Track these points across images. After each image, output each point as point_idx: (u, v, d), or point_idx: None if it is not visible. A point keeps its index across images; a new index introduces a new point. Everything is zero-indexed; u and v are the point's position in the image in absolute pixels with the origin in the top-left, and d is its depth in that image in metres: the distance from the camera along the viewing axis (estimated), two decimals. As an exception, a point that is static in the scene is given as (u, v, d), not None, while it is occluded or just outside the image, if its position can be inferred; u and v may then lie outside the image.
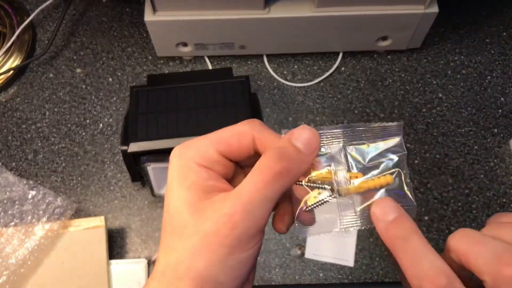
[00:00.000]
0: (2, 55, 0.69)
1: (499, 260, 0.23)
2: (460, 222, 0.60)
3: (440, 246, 0.59)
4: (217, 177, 0.28)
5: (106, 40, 0.72)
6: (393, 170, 0.29)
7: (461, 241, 0.25)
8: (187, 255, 0.25)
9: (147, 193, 0.63)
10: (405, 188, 0.29)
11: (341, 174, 0.29)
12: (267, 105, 0.67)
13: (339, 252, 0.59)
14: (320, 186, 0.28)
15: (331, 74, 0.69)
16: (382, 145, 0.29)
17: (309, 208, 0.28)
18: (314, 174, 0.28)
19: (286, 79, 0.69)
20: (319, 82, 0.69)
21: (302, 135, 0.28)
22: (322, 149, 0.29)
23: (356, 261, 0.59)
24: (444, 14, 0.68)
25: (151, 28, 0.63)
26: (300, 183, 0.28)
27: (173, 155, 0.28)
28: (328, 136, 0.29)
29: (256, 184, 0.26)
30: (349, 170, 0.29)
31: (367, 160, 0.29)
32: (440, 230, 0.60)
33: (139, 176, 0.59)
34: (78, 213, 0.62)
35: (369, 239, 0.60)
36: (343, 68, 0.69)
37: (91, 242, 0.57)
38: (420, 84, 0.68)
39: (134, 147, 0.55)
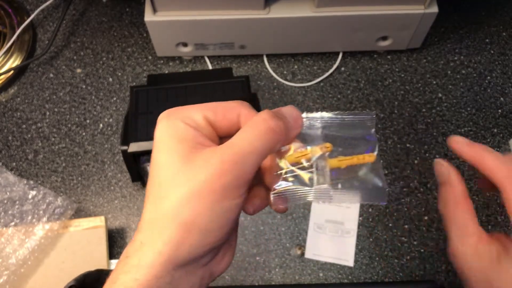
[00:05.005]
0: (2, 55, 0.69)
1: None
2: (460, 222, 0.60)
3: (440, 246, 0.59)
4: (205, 137, 0.29)
5: (106, 40, 0.72)
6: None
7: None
8: (175, 203, 0.26)
9: (147, 193, 0.63)
10: (380, 172, 0.31)
11: (319, 152, 0.30)
12: (267, 105, 0.67)
13: (339, 252, 0.59)
14: (298, 166, 0.30)
15: (331, 74, 0.69)
16: (356, 134, 0.32)
17: (286, 174, 0.30)
18: (293, 153, 0.30)
19: (286, 79, 0.69)
20: (319, 82, 0.69)
21: (290, 111, 0.30)
22: (302, 131, 0.31)
23: (356, 261, 0.59)
24: (444, 14, 0.68)
25: (151, 28, 0.63)
26: (280, 159, 0.30)
27: (161, 117, 0.29)
28: (308, 122, 0.31)
29: (249, 136, 0.27)
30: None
31: (342, 146, 0.31)
32: (440, 230, 0.60)
33: (139, 176, 0.59)
34: (78, 213, 0.62)
35: (369, 239, 0.60)
36: (343, 68, 0.70)
37: (91, 242, 0.57)
38: (420, 84, 0.68)
39: (134, 147, 0.55)
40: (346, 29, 0.64)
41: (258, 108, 0.61)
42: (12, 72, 0.69)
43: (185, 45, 0.67)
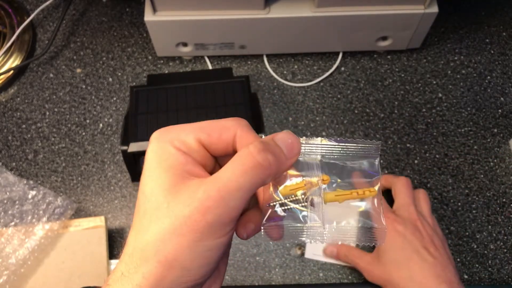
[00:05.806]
0: (2, 55, 0.69)
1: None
2: (460, 222, 0.60)
3: (440, 246, 0.59)
4: (195, 163, 0.27)
5: (106, 40, 0.72)
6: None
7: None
8: (156, 237, 0.25)
9: (147, 193, 0.63)
10: (381, 210, 0.29)
11: (316, 185, 0.28)
12: (267, 105, 0.67)
13: (339, 252, 0.59)
14: (293, 198, 0.28)
15: (331, 74, 0.69)
16: (358, 165, 0.29)
17: (279, 207, 0.28)
18: (288, 184, 0.28)
19: (286, 79, 0.69)
20: (319, 82, 0.69)
21: (285, 139, 0.28)
22: (300, 158, 0.29)
23: (356, 261, 0.59)
24: (444, 14, 0.68)
25: (151, 28, 0.63)
26: (273, 191, 0.28)
27: (152, 137, 0.28)
28: (307, 148, 0.29)
29: (235, 171, 0.26)
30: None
31: (342, 177, 0.29)
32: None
33: (139, 176, 0.59)
34: (78, 213, 0.62)
35: (369, 239, 0.60)
36: (343, 68, 0.70)
37: (91, 242, 0.57)
38: (420, 84, 0.68)
39: (134, 147, 0.55)
40: (346, 29, 0.64)
41: (258, 108, 0.61)
42: (12, 72, 0.69)
43: (185, 45, 0.67)
